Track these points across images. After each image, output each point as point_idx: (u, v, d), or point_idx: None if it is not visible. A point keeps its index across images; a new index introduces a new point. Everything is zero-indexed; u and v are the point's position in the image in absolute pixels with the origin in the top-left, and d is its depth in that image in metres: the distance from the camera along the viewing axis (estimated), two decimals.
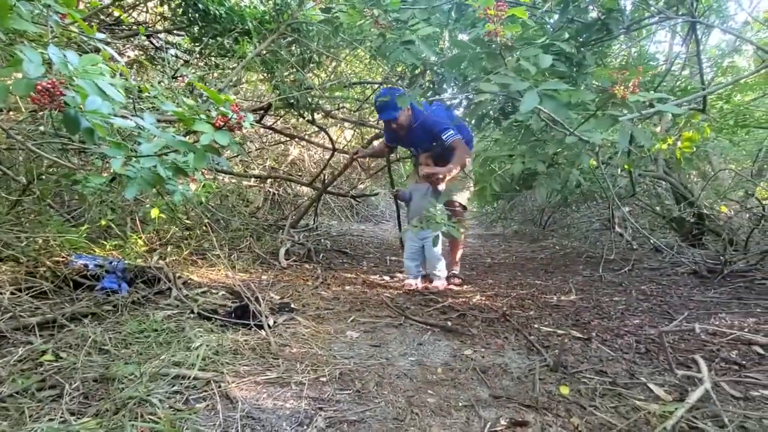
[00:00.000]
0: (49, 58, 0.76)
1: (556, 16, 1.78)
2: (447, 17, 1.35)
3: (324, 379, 1.32)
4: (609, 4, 1.63)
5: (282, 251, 2.94)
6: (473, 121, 1.67)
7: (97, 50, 1.70)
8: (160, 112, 1.92)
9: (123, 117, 0.89)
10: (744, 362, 1.51)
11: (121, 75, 1.01)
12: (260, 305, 1.77)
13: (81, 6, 2.19)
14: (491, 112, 1.54)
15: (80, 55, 0.76)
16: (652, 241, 2.99)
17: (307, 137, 4.64)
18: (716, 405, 1.16)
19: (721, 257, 2.86)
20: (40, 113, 1.98)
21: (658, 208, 4.08)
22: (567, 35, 1.54)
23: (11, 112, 2.22)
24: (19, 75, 0.76)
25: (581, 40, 1.63)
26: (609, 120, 1.04)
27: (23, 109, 1.73)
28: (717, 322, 1.99)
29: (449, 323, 1.89)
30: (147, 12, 3.28)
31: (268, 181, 4.59)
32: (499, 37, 0.92)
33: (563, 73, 1.12)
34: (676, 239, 3.71)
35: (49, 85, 0.69)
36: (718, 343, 1.69)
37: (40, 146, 1.52)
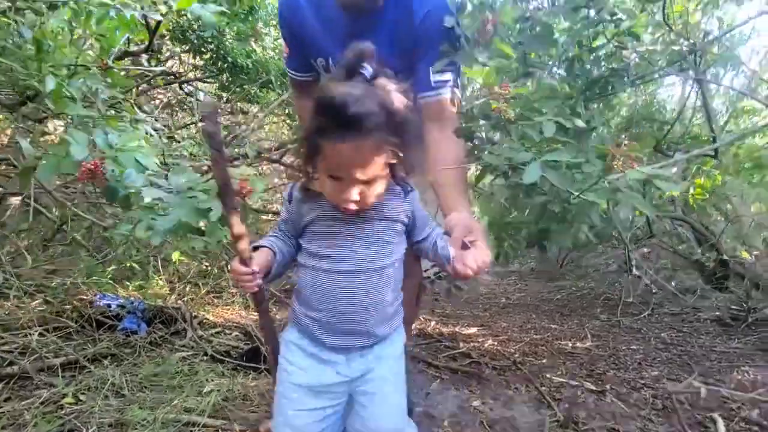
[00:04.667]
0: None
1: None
2: None
3: None
4: (613, 63, 1.69)
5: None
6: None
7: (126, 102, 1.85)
8: (187, 158, 2.06)
9: (152, 182, 0.97)
10: (765, 422, 1.45)
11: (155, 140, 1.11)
12: None
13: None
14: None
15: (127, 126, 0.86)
16: (669, 287, 2.92)
17: None
18: None
19: (744, 304, 2.77)
20: None
21: (680, 247, 3.98)
22: (573, 96, 1.60)
23: None
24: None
25: (586, 96, 1.69)
26: (609, 191, 1.07)
27: None
28: (740, 376, 1.92)
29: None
30: (181, 63, 3.54)
31: None
32: (503, 114, 0.99)
33: (566, 142, 1.16)
34: (699, 282, 3.60)
35: (92, 166, 0.78)
36: (740, 400, 1.63)
37: (75, 203, 1.65)
